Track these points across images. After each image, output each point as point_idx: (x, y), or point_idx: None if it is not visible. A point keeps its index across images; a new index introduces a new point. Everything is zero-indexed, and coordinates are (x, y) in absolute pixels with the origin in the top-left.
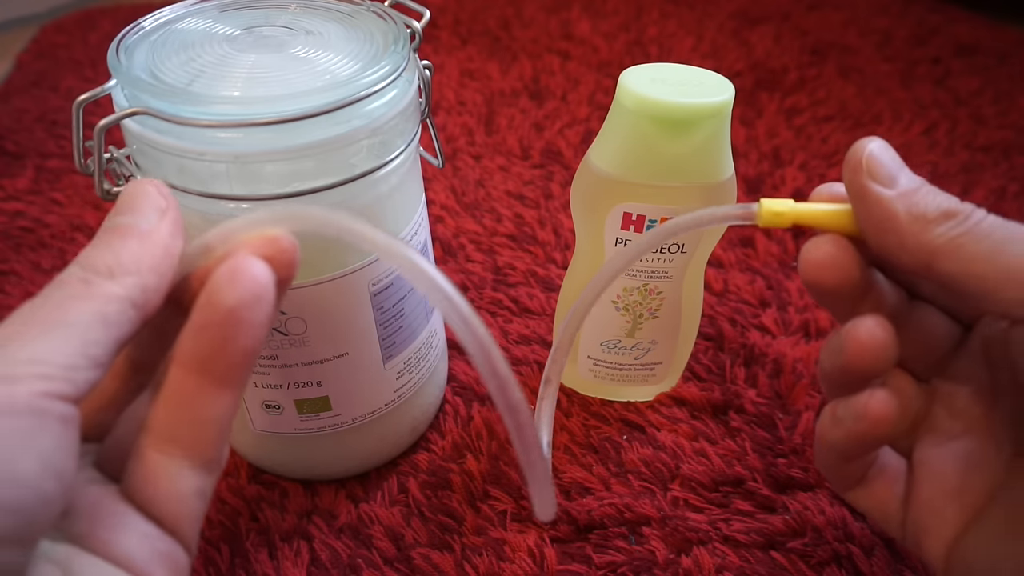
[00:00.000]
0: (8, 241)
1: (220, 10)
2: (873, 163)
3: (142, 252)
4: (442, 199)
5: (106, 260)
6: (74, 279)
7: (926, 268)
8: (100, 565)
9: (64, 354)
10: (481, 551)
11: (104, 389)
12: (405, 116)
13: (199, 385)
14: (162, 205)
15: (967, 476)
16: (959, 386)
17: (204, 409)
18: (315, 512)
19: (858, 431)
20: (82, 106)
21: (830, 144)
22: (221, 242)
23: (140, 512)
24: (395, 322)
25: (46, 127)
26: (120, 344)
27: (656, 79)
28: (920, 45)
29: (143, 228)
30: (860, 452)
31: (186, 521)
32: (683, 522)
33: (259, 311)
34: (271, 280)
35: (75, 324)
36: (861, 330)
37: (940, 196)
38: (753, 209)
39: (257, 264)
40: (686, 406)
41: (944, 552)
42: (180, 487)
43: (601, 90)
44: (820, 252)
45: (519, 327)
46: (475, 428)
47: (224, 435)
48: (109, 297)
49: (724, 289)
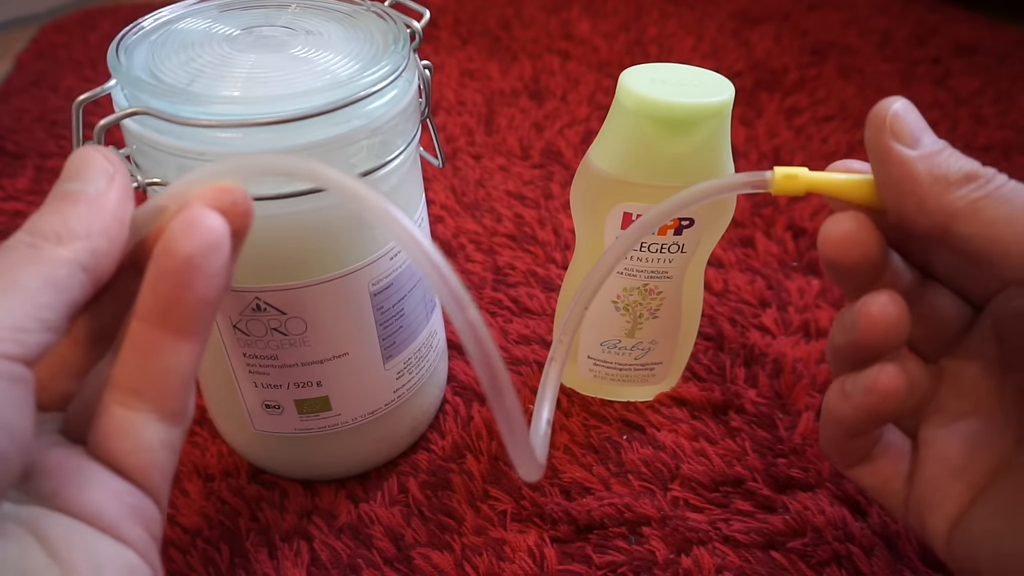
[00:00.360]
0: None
1: (220, 10)
2: (897, 123)
3: (91, 217)
4: (442, 199)
5: (54, 226)
6: (21, 244)
7: (944, 231)
8: (68, 522)
9: (13, 316)
10: (481, 551)
11: (65, 357)
12: (405, 116)
13: (160, 336)
14: (109, 170)
15: (973, 454)
16: (967, 365)
17: (166, 359)
18: (315, 512)
19: (866, 405)
20: (82, 106)
21: (830, 144)
22: (174, 201)
23: (107, 467)
24: (395, 322)
25: (46, 127)
26: (72, 308)
27: (656, 79)
28: (920, 45)
29: (91, 193)
30: (867, 427)
31: (155, 473)
32: (683, 522)
33: (215, 259)
34: (226, 229)
35: (24, 288)
36: (874, 306)
37: (963, 159)
38: (767, 177)
39: (211, 215)
40: (686, 406)
41: (947, 529)
42: (146, 439)
43: (601, 90)
44: (841, 229)
45: (519, 327)
46: (475, 428)
47: (188, 386)
48: (58, 261)
49: (724, 289)
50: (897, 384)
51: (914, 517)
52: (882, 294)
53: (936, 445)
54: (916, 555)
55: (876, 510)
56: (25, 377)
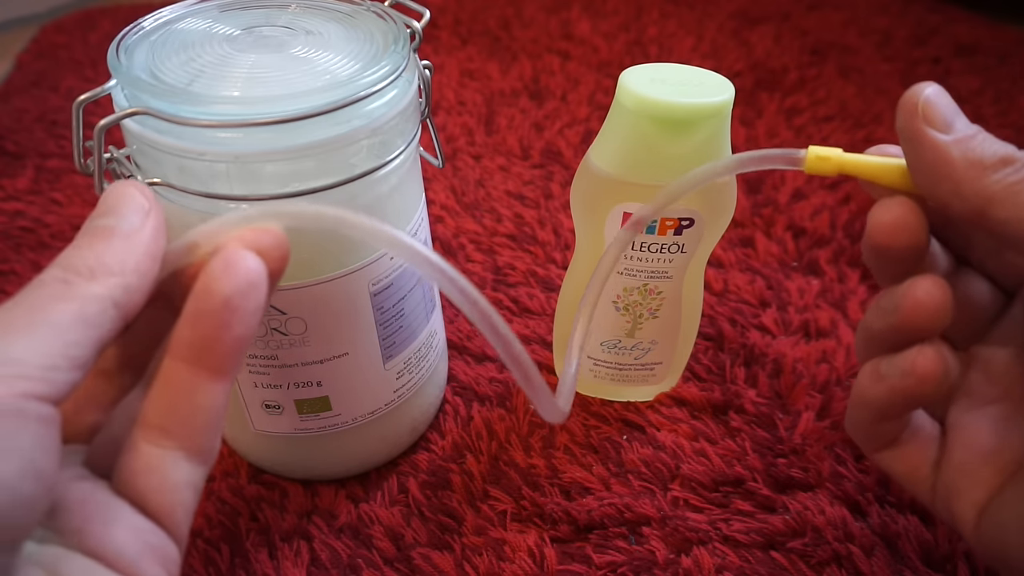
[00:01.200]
0: (8, 241)
1: (220, 10)
2: (929, 108)
3: (124, 254)
4: (442, 199)
5: (87, 261)
6: (54, 280)
7: (980, 215)
8: (88, 565)
9: (43, 355)
10: (481, 551)
11: (90, 390)
12: (405, 116)
13: (193, 375)
14: (145, 207)
15: (1003, 439)
16: (998, 351)
17: (198, 399)
18: (315, 512)
19: (902, 387)
20: (82, 106)
21: (830, 144)
22: (206, 239)
23: (131, 505)
24: (395, 322)
25: (46, 127)
26: (102, 345)
27: (656, 79)
28: (920, 45)
29: (125, 230)
30: (900, 411)
31: (178, 513)
32: (683, 522)
33: (253, 299)
34: (263, 271)
35: (55, 324)
36: (919, 290)
37: (997, 143)
38: (800, 155)
39: (250, 256)
40: (686, 406)
41: (975, 515)
42: (174, 478)
43: (601, 90)
44: (892, 215)
45: (519, 327)
46: (475, 428)
47: (217, 425)
48: (89, 297)
49: (724, 289)
50: (936, 366)
51: (942, 503)
52: (926, 278)
53: (965, 430)
54: (916, 555)
55: (876, 510)
56: (53, 418)
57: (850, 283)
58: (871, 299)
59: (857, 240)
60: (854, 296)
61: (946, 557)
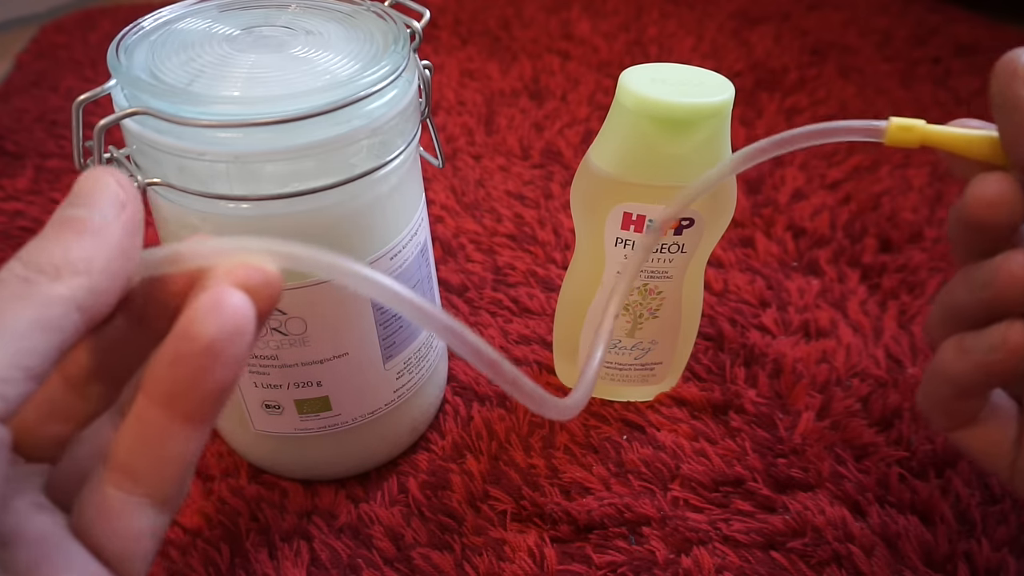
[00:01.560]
0: (8, 241)
1: (220, 10)
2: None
3: (94, 250)
4: (442, 199)
5: (52, 258)
6: (14, 278)
7: None
8: None
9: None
10: (481, 551)
11: (55, 400)
12: (405, 116)
13: (167, 419)
14: (120, 198)
15: None
16: None
17: (170, 446)
18: (315, 512)
19: (990, 362)
20: (82, 106)
21: (830, 144)
22: (193, 255)
23: (88, 549)
24: (395, 322)
25: (46, 127)
26: (61, 352)
27: (656, 79)
28: (920, 45)
29: (97, 223)
30: (984, 388)
31: (136, 562)
32: (683, 522)
33: (238, 345)
34: (252, 313)
35: (9, 330)
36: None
37: None
38: (881, 126)
39: (238, 296)
40: (686, 406)
41: None
42: (136, 526)
43: (601, 90)
44: (992, 190)
45: (519, 327)
46: (475, 428)
47: (188, 473)
48: (52, 299)
49: (724, 289)
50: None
51: (1020, 481)
52: (1021, 252)
53: None
54: (916, 555)
55: (876, 510)
56: (3, 438)
57: (850, 283)
58: (871, 299)
59: (857, 240)
60: (854, 296)
61: (946, 557)
